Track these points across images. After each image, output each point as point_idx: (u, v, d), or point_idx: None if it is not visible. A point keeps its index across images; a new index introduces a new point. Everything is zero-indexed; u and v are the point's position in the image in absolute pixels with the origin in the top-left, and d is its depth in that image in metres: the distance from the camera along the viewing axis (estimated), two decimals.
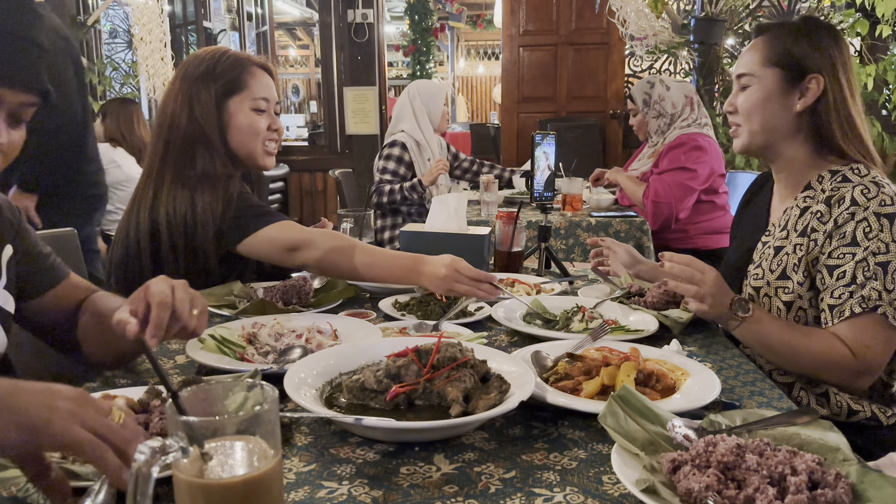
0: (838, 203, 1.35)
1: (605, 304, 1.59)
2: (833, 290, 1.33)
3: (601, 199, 3.40)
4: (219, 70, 1.71)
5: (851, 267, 1.31)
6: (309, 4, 11.14)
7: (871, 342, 1.29)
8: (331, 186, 6.19)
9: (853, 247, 1.32)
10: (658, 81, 3.31)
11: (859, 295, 1.29)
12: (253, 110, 1.74)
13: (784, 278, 1.42)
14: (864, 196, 1.33)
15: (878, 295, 1.28)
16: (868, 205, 1.32)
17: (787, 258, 1.42)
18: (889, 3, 3.32)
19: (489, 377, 1.04)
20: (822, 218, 1.37)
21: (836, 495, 0.73)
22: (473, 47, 14.61)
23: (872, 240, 1.30)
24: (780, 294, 1.43)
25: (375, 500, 0.81)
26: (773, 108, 1.45)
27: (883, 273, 1.29)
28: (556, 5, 6.04)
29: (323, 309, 1.58)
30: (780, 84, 1.44)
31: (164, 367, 1.23)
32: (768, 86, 1.45)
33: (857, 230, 1.32)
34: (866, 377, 1.32)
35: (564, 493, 0.82)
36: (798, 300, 1.41)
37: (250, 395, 0.69)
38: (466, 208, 2.11)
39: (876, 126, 4.07)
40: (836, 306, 1.32)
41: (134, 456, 0.60)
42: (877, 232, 1.31)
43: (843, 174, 1.39)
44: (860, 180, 1.36)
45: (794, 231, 1.42)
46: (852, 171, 1.39)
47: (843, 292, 1.31)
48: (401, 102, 3.67)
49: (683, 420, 0.90)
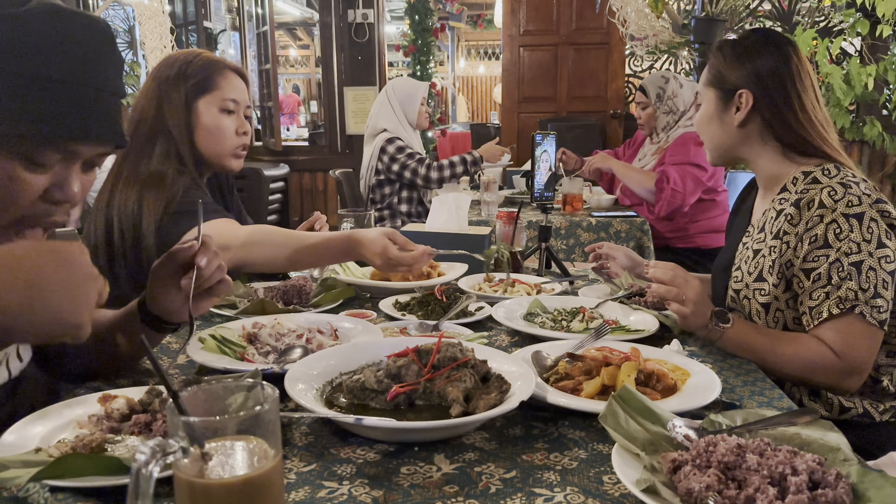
0: (808, 206, 1.37)
1: (606, 304, 1.59)
2: (811, 293, 1.34)
3: (601, 199, 3.40)
4: (190, 71, 1.70)
5: (826, 269, 1.32)
6: (309, 4, 11.15)
7: (853, 342, 1.30)
8: (331, 186, 6.19)
9: (826, 249, 1.33)
10: (672, 77, 3.30)
11: (836, 296, 1.31)
12: (221, 111, 1.72)
13: (760, 280, 1.44)
14: (831, 198, 1.35)
15: (854, 295, 1.29)
16: (836, 206, 1.34)
17: (763, 260, 1.44)
18: (889, 3, 3.32)
19: (489, 377, 1.04)
20: (791, 220, 1.39)
21: (837, 495, 0.73)
22: (474, 47, 14.62)
23: (844, 241, 1.32)
24: (758, 296, 1.44)
25: (376, 500, 0.81)
26: (715, 125, 1.54)
27: (857, 273, 1.30)
28: (557, 5, 6.05)
29: (323, 309, 1.58)
30: (717, 102, 1.53)
31: (164, 367, 1.23)
32: (708, 105, 1.55)
33: (829, 232, 1.33)
34: (854, 377, 1.33)
35: (565, 493, 0.82)
36: (775, 302, 1.42)
37: (250, 395, 0.69)
38: (468, 208, 2.11)
39: (876, 126, 4.07)
40: (814, 308, 1.34)
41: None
42: (847, 233, 1.32)
43: (813, 175, 1.41)
44: (828, 182, 1.37)
45: (770, 233, 1.44)
46: (823, 172, 1.40)
47: (820, 294, 1.33)
48: (379, 101, 3.63)
49: (684, 420, 0.90)
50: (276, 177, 5.68)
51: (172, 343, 1.38)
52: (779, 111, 1.45)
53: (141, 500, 0.59)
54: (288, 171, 5.99)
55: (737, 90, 1.48)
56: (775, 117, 1.45)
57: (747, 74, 1.47)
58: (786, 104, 1.44)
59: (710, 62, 1.55)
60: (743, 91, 1.47)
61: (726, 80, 1.50)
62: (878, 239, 1.32)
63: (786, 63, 1.46)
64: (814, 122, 1.45)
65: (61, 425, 0.95)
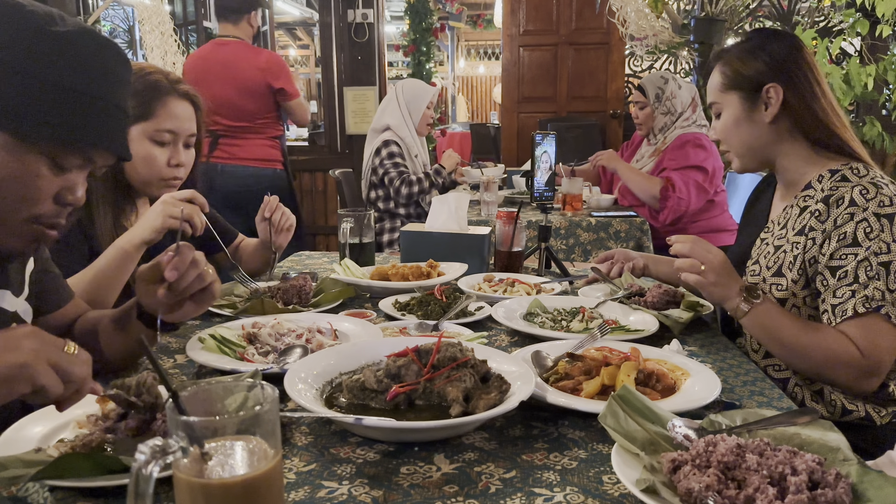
0: (837, 203, 1.36)
1: (606, 304, 1.59)
2: (836, 290, 1.33)
3: (601, 199, 3.39)
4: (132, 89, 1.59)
5: (853, 267, 1.31)
6: (309, 4, 11.14)
7: (877, 341, 1.28)
8: (331, 186, 6.19)
9: (855, 247, 1.32)
10: (671, 78, 3.30)
11: (862, 294, 1.29)
12: (153, 142, 1.62)
13: (779, 275, 1.43)
14: (863, 197, 1.34)
15: (881, 295, 1.28)
16: (867, 205, 1.33)
17: (783, 256, 1.43)
18: (889, 3, 3.32)
19: (489, 377, 1.04)
20: (819, 217, 1.38)
21: (837, 495, 0.73)
22: (473, 47, 14.61)
23: (874, 240, 1.31)
24: (774, 290, 1.43)
25: (376, 499, 0.81)
26: (745, 127, 1.50)
27: (885, 273, 1.29)
28: (557, 5, 6.04)
29: (323, 309, 1.58)
30: (743, 104, 1.49)
31: (164, 366, 1.23)
32: (733, 110, 1.51)
33: (858, 230, 1.32)
34: (874, 378, 1.31)
35: (565, 493, 0.82)
36: (792, 297, 1.41)
37: (250, 395, 0.69)
38: (467, 208, 2.11)
39: (876, 126, 4.06)
40: (838, 305, 1.32)
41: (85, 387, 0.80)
42: (878, 232, 1.31)
43: (842, 174, 1.40)
44: (859, 180, 1.36)
45: (793, 230, 1.43)
46: (851, 170, 1.39)
47: (846, 291, 1.31)
48: (387, 98, 3.73)
49: (683, 420, 0.90)
50: None
51: (172, 343, 1.38)
52: (806, 100, 1.43)
53: (141, 500, 0.59)
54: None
55: (762, 86, 1.45)
56: (803, 107, 1.43)
57: (766, 67, 1.45)
58: (810, 92, 1.43)
59: (720, 69, 1.53)
60: (770, 85, 1.44)
61: (748, 79, 1.47)
62: None
63: (798, 50, 1.45)
64: (838, 112, 1.44)
65: (61, 425, 0.95)
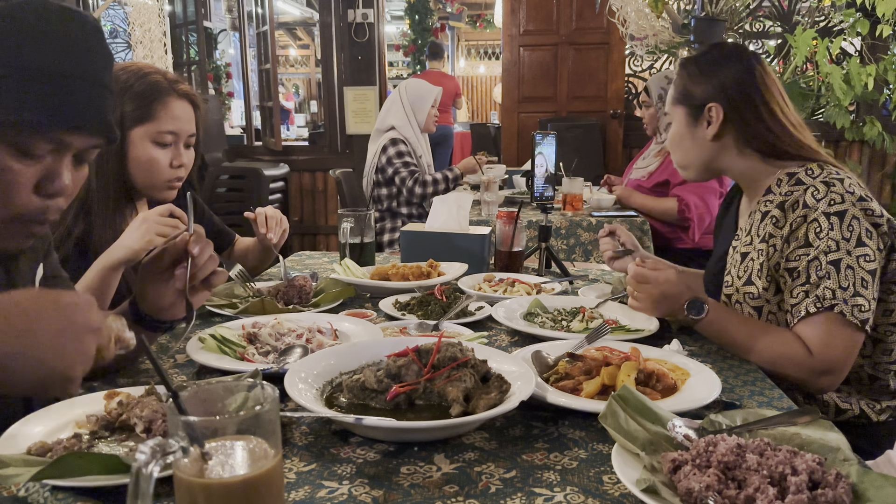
0: (792, 208, 1.37)
1: (606, 304, 1.59)
2: (792, 291, 1.35)
3: (601, 199, 3.39)
4: (133, 91, 1.60)
5: (805, 267, 1.32)
6: (309, 4, 11.15)
7: (830, 341, 1.29)
8: (331, 186, 6.19)
9: (806, 247, 1.33)
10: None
11: (814, 294, 1.30)
12: (155, 144, 1.63)
13: (749, 284, 1.44)
14: (813, 198, 1.35)
15: (832, 294, 1.29)
16: (818, 206, 1.34)
17: (751, 264, 1.44)
18: (889, 3, 3.32)
19: (489, 377, 1.04)
20: (777, 223, 1.39)
21: (837, 495, 0.73)
22: (474, 47, 14.62)
23: (823, 239, 1.32)
24: (748, 300, 1.44)
25: (376, 499, 0.81)
26: (688, 142, 1.54)
27: (836, 271, 1.30)
28: (557, 5, 6.04)
29: (323, 309, 1.58)
30: (686, 119, 1.53)
31: (164, 366, 1.23)
32: (679, 124, 1.55)
33: (809, 231, 1.34)
34: (828, 377, 1.32)
35: (565, 493, 0.82)
36: (766, 304, 1.42)
37: (250, 395, 0.69)
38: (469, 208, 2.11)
39: (876, 126, 4.07)
40: (795, 306, 1.34)
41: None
42: (826, 231, 1.32)
43: (797, 177, 1.40)
44: (811, 182, 1.37)
45: (757, 236, 1.43)
46: (806, 172, 1.40)
47: (800, 292, 1.33)
48: (391, 99, 3.73)
49: (684, 420, 0.90)
50: (276, 176, 5.69)
51: (172, 343, 1.38)
52: (748, 122, 1.45)
53: (141, 500, 0.59)
54: (288, 171, 5.99)
55: (705, 105, 1.48)
56: (747, 128, 1.46)
57: (713, 88, 1.48)
58: (754, 114, 1.45)
59: (675, 80, 1.56)
60: (712, 105, 1.47)
61: (693, 96, 1.50)
62: (857, 237, 1.31)
63: (749, 73, 1.46)
64: (786, 127, 1.45)
65: (61, 425, 0.95)
